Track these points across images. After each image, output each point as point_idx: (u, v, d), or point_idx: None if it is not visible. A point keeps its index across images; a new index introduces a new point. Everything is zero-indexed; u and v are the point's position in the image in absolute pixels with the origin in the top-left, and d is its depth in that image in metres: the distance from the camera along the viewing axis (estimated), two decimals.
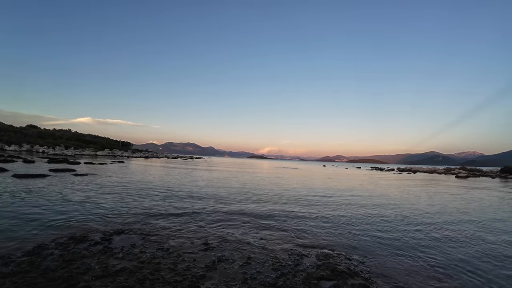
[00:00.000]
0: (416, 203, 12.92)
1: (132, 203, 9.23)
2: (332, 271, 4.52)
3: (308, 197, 13.13)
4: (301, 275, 4.34)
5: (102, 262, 4.37)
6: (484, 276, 4.81)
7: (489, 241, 6.93)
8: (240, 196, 12.40)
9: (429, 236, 7.13)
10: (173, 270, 4.24)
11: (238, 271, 4.39)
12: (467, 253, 5.93)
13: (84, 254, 4.68)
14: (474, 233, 7.68)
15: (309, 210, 9.78)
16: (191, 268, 4.34)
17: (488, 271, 5.00)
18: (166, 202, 9.78)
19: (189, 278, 4.01)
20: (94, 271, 4.05)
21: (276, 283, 4.03)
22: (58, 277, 3.83)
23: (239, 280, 4.07)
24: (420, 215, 9.82)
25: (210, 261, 4.69)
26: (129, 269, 4.17)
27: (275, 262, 4.83)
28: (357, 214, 9.51)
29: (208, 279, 4.03)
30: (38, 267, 4.11)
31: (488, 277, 4.78)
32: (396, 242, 6.47)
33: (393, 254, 5.64)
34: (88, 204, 8.71)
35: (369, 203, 12.29)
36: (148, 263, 4.45)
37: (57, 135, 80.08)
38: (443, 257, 5.60)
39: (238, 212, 8.83)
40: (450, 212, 10.83)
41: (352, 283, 4.18)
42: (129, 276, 3.94)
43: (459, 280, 4.59)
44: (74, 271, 4.01)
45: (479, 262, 5.46)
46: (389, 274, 4.68)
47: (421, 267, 5.07)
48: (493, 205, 13.05)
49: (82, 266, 4.20)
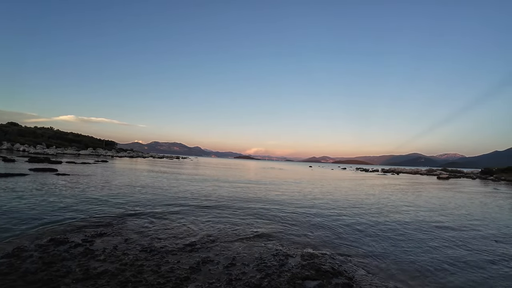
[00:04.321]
0: (406, 204, 13.20)
1: (114, 204, 9.02)
2: (317, 271, 4.56)
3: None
4: (286, 275, 4.35)
5: (83, 265, 4.25)
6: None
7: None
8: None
9: (416, 237, 7.31)
10: (157, 272, 4.17)
11: (222, 272, 4.37)
12: (450, 256, 6.11)
13: (64, 256, 4.54)
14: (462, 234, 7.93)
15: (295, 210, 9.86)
16: (175, 270, 4.28)
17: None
18: (149, 203, 9.63)
19: (172, 280, 3.95)
20: (75, 274, 3.94)
21: (261, 283, 4.02)
22: (38, 280, 3.71)
23: (223, 281, 4.05)
24: (408, 216, 10.03)
25: (195, 262, 4.64)
26: (111, 271, 4.07)
27: (260, 262, 4.83)
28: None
29: (192, 281, 3.98)
30: (17, 269, 3.97)
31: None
32: (382, 242, 6.60)
33: (382, 254, 5.76)
34: (69, 204, 8.46)
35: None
36: (130, 265, 4.36)
37: (38, 133, 77.75)
38: (427, 256, 5.76)
39: (225, 214, 8.79)
40: (432, 210, 11.14)
41: (336, 282, 4.22)
42: (110, 279, 3.86)
43: (441, 276, 4.73)
44: (54, 274, 3.89)
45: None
46: (374, 272, 4.76)
47: (406, 265, 5.19)
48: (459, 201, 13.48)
49: (63, 268, 4.08)
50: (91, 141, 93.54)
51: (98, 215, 7.45)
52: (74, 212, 7.55)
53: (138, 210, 8.37)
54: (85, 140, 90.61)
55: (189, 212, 8.59)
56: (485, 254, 6.20)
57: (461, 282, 4.65)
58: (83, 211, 7.73)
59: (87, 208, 8.18)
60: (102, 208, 8.31)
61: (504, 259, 5.89)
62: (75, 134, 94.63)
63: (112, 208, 8.41)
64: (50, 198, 9.16)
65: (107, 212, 7.86)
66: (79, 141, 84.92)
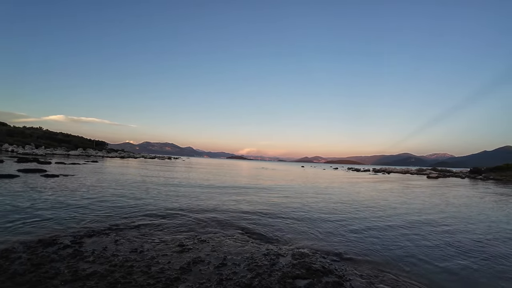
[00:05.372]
0: (393, 202, 13.36)
1: (104, 205, 8.93)
2: (307, 270, 4.59)
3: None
4: (276, 275, 4.37)
5: (72, 266, 4.20)
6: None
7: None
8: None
9: (400, 232, 7.42)
10: (147, 273, 4.14)
11: (213, 272, 4.37)
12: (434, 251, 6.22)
13: (53, 258, 4.48)
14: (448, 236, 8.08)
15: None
16: (165, 271, 4.26)
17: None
18: (139, 204, 9.56)
19: (163, 280, 3.93)
20: (63, 276, 3.89)
21: (252, 283, 4.03)
22: (26, 282, 3.67)
23: (214, 281, 4.05)
24: (395, 214, 10.17)
25: (185, 262, 4.62)
26: (100, 273, 4.04)
27: (251, 262, 4.84)
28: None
29: (182, 282, 3.97)
30: (6, 270, 3.91)
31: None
32: (373, 240, 6.68)
33: (369, 251, 5.83)
34: (59, 206, 8.35)
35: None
36: (120, 266, 4.32)
37: (27, 133, 76.19)
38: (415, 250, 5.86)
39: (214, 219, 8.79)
40: (418, 208, 11.32)
41: (327, 281, 4.27)
42: (99, 280, 3.82)
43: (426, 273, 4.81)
44: (42, 275, 3.84)
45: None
46: (363, 271, 4.82)
47: (392, 261, 5.26)
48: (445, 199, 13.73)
49: (51, 270, 4.03)
50: (81, 141, 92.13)
51: (85, 217, 7.38)
52: (62, 214, 7.46)
53: (129, 213, 8.31)
54: (75, 140, 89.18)
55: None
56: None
57: (446, 277, 4.75)
58: (71, 213, 7.65)
59: (76, 210, 8.10)
60: (90, 210, 8.24)
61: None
62: (65, 134, 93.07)
63: (100, 210, 8.33)
64: (38, 200, 9.02)
65: (95, 214, 7.79)
66: (69, 141, 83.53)
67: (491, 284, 4.65)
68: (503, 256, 6.02)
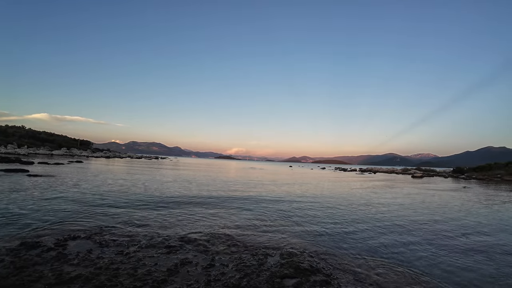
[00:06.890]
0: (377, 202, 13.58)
1: (88, 206, 8.76)
2: (295, 269, 4.63)
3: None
4: (265, 274, 4.39)
5: (56, 269, 4.10)
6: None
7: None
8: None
9: (389, 230, 7.55)
10: (133, 275, 4.09)
11: (201, 273, 4.34)
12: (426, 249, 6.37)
13: (36, 261, 4.37)
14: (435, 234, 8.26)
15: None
16: (152, 273, 4.21)
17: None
18: (125, 205, 9.42)
19: (149, 283, 3.89)
20: (47, 279, 3.80)
21: (240, 283, 4.04)
22: (10, 285, 3.58)
23: (202, 282, 4.03)
24: (382, 213, 10.34)
25: (173, 264, 4.59)
26: (85, 276, 3.96)
27: (239, 262, 4.84)
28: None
29: (170, 283, 3.94)
30: None
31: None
32: (358, 239, 6.78)
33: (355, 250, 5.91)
34: (42, 207, 8.14)
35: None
36: (105, 269, 4.25)
37: (9, 132, 73.95)
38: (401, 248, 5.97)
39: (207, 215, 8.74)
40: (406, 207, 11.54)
41: (315, 279, 4.31)
42: (84, 283, 3.75)
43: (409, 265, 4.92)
44: (26, 279, 3.75)
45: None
46: (349, 269, 4.88)
47: (379, 259, 5.35)
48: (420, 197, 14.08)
49: (34, 273, 3.93)
50: (65, 140, 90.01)
51: (70, 218, 7.23)
52: (45, 215, 7.28)
53: (116, 215, 8.18)
54: (58, 139, 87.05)
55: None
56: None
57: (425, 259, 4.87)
58: (54, 215, 7.47)
59: (59, 211, 7.92)
60: (74, 211, 8.07)
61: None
62: (48, 133, 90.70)
63: (85, 211, 8.18)
64: (21, 201, 8.76)
65: (80, 215, 7.63)
66: (52, 141, 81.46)
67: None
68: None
